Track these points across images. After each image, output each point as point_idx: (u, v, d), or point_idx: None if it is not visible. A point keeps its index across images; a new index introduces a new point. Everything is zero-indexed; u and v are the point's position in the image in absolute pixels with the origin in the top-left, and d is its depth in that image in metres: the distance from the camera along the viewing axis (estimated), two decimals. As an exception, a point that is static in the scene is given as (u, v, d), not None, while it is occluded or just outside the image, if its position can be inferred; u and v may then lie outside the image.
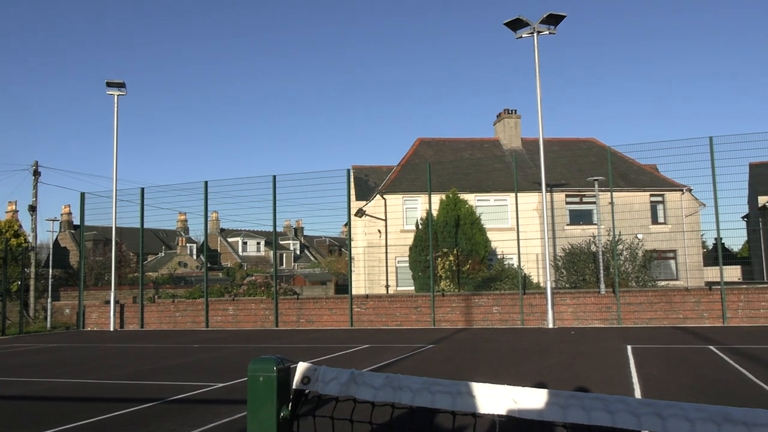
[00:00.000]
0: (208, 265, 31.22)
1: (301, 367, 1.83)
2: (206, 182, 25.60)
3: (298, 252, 76.93)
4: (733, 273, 43.30)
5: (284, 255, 71.30)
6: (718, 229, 20.94)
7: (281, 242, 71.71)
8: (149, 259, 61.05)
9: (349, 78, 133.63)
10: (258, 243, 72.18)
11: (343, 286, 38.91)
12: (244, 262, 66.87)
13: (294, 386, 1.82)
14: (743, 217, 42.73)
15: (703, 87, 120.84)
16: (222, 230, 70.86)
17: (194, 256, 67.71)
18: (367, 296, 25.06)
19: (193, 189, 26.15)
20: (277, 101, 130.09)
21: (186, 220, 69.97)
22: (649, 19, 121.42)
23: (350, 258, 27.96)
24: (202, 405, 8.83)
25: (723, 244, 23.89)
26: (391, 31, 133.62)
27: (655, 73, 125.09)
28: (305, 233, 79.63)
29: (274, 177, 24.51)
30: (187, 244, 67.80)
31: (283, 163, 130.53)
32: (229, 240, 71.41)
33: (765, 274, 36.35)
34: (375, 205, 33.47)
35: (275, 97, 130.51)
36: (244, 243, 71.56)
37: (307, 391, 1.82)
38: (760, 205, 38.00)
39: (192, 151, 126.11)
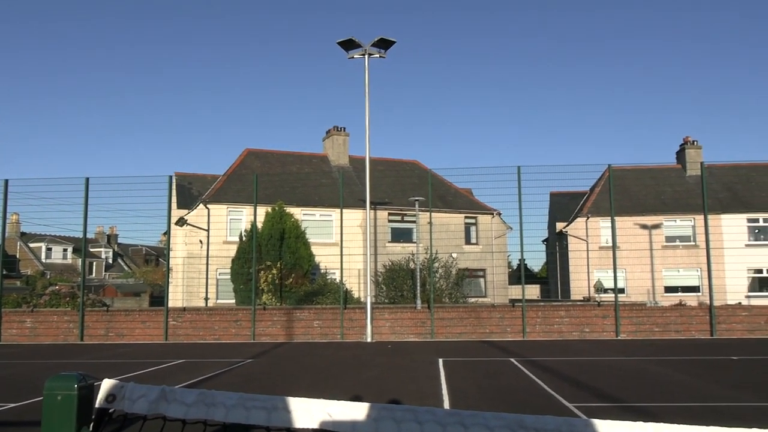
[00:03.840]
0: (4, 272, 28.16)
1: (106, 384, 1.72)
2: (6, 181, 23.15)
3: (110, 260, 72.05)
4: (533, 291, 47.56)
5: (95, 263, 66.42)
6: (522, 251, 22.78)
7: (92, 249, 66.75)
8: (-70, 264, 53.79)
9: (174, 82, 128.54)
10: (65, 249, 66.48)
11: (159, 298, 37.01)
12: (47, 269, 61.22)
13: (97, 405, 1.71)
14: (543, 241, 47.04)
15: (512, 123, 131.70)
16: (23, 234, 64.41)
17: (-13, 262, 60.73)
18: (184, 309, 24.06)
19: (-10, 187, 23.52)
20: (93, 99, 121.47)
21: (-21, 222, 62.75)
22: (463, 55, 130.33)
23: (168, 268, 26.67)
24: (-12, 428, 7.92)
25: (526, 265, 26.07)
26: (222, 37, 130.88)
27: (474, 103, 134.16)
28: (119, 241, 74.87)
29: (87, 179, 22.81)
30: (-21, 249, 60.70)
31: (99, 165, 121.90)
32: (31, 245, 65.05)
33: (560, 293, 40.24)
34: (197, 215, 32.35)
35: (90, 94, 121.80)
36: (49, 249, 65.57)
37: (111, 410, 1.71)
38: (557, 231, 41.99)
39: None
